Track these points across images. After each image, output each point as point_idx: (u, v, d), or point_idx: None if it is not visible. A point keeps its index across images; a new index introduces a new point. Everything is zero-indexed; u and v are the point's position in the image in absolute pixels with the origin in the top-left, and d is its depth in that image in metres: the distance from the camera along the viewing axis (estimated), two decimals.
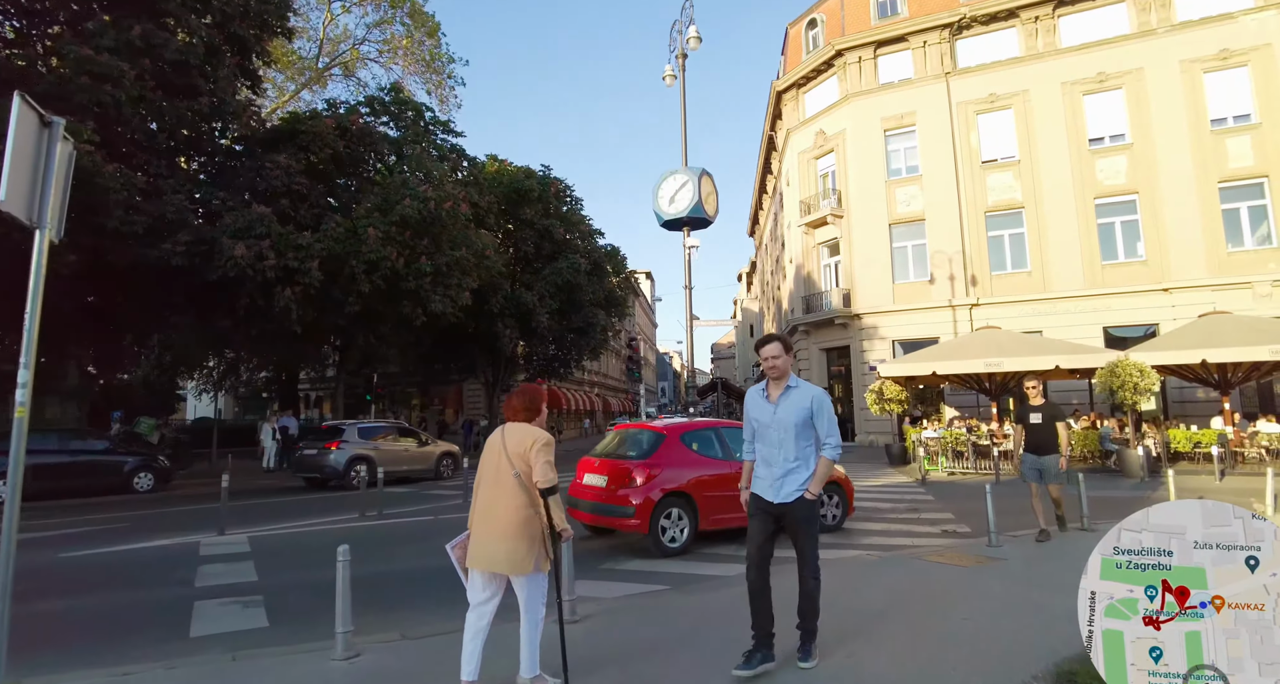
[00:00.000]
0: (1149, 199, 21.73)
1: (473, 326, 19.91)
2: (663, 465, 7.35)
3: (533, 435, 3.47)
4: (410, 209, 14.70)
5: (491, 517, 3.41)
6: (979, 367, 15.18)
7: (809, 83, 28.52)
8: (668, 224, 13.28)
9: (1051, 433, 7.28)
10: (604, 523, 7.50)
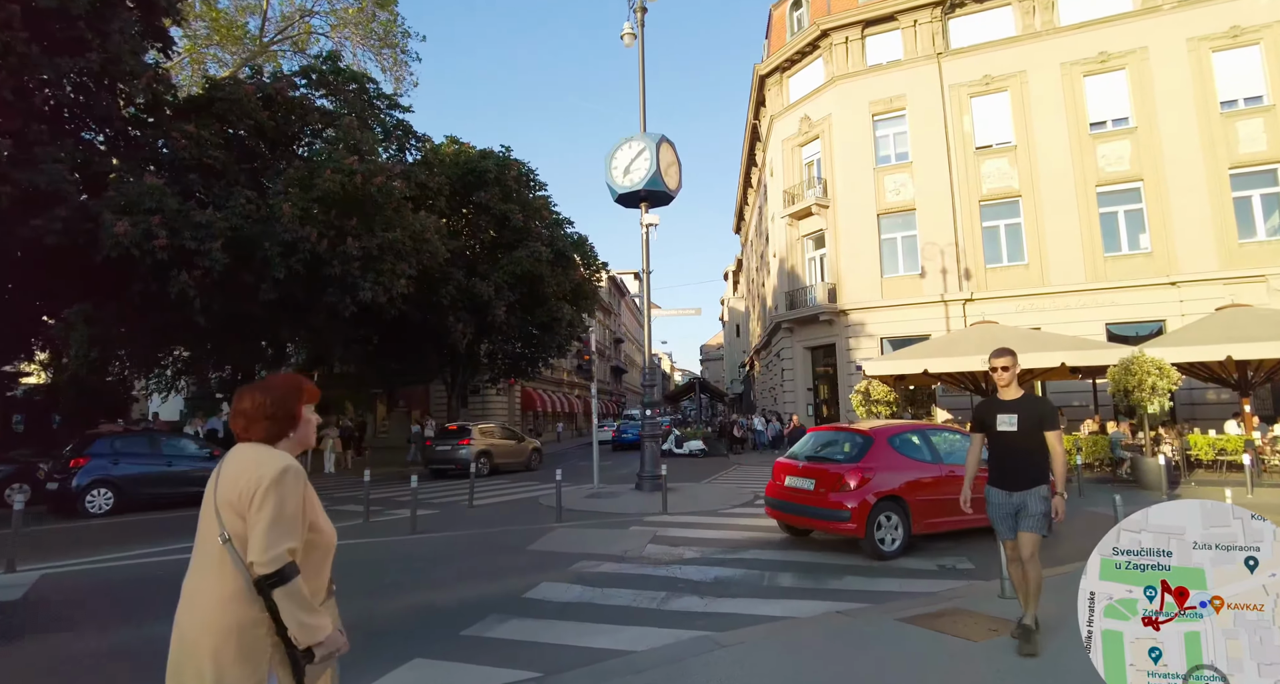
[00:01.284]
0: (1154, 187, 20.25)
1: (420, 319, 18.14)
2: (875, 469, 7.32)
3: (258, 470, 1.83)
4: (332, 183, 12.95)
5: (185, 613, 1.82)
6: (975, 364, 13.55)
7: (793, 66, 26.94)
8: (623, 199, 11.61)
9: (1035, 450, 4.22)
10: (813, 526, 7.65)
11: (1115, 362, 12.33)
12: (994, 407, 4.39)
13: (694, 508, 10.56)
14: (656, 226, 11.30)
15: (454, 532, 9.35)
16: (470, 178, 18.92)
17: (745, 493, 12.65)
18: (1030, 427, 4.21)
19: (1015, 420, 4.24)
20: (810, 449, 8.24)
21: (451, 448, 17.90)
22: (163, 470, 12.34)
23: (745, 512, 10.47)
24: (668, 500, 10.47)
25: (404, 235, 14.09)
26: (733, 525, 9.12)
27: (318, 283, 13.68)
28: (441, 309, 17.84)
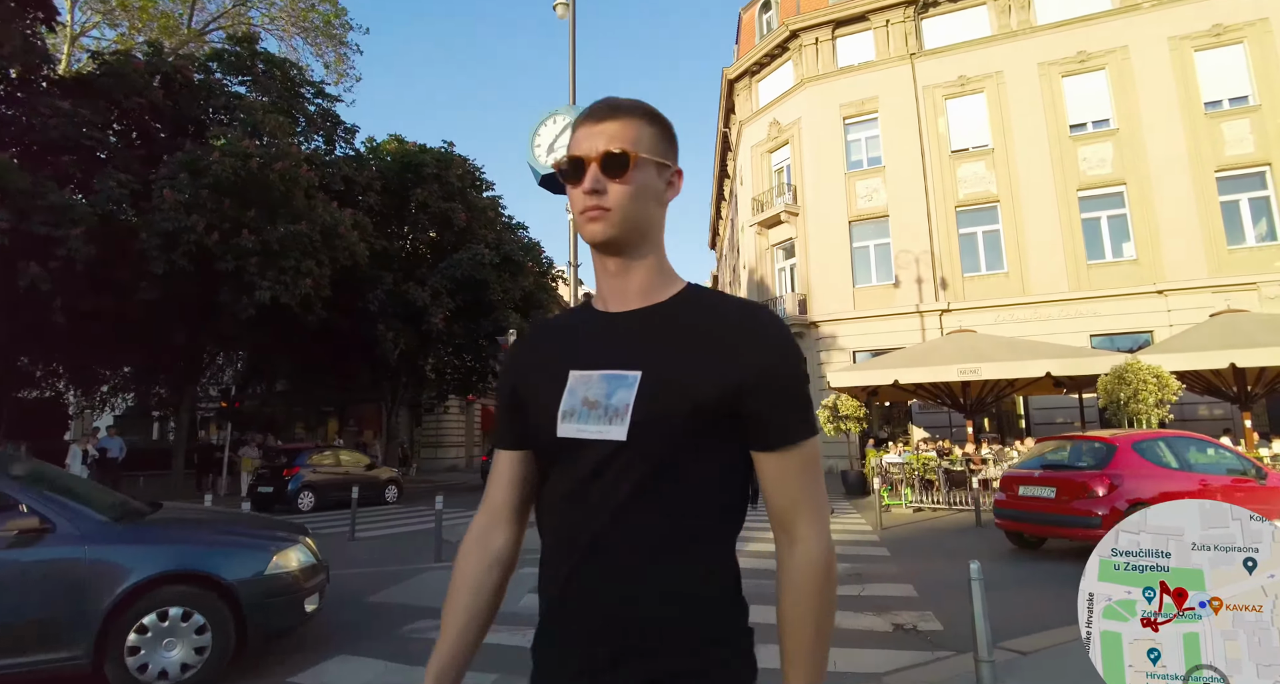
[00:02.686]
0: (1138, 191, 19.16)
1: (348, 328, 16.47)
2: (1123, 475, 7.18)
3: None
4: (223, 168, 11.36)
5: None
6: (951, 374, 12.14)
7: (762, 70, 25.86)
8: (548, 182, 10.07)
9: None
10: (1056, 533, 7.61)
11: (1107, 371, 10.94)
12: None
13: None
14: None
15: None
16: (408, 174, 17.39)
17: None
18: None
19: None
20: (1042, 459, 8.32)
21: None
22: (342, 477, 15.14)
23: None
24: None
25: (312, 229, 12.49)
26: None
27: (208, 280, 12.02)
28: (370, 316, 16.18)
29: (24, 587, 3.55)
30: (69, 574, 3.61)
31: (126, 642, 3.67)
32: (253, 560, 4.09)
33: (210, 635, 3.83)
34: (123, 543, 3.85)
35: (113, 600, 3.62)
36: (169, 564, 3.83)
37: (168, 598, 3.80)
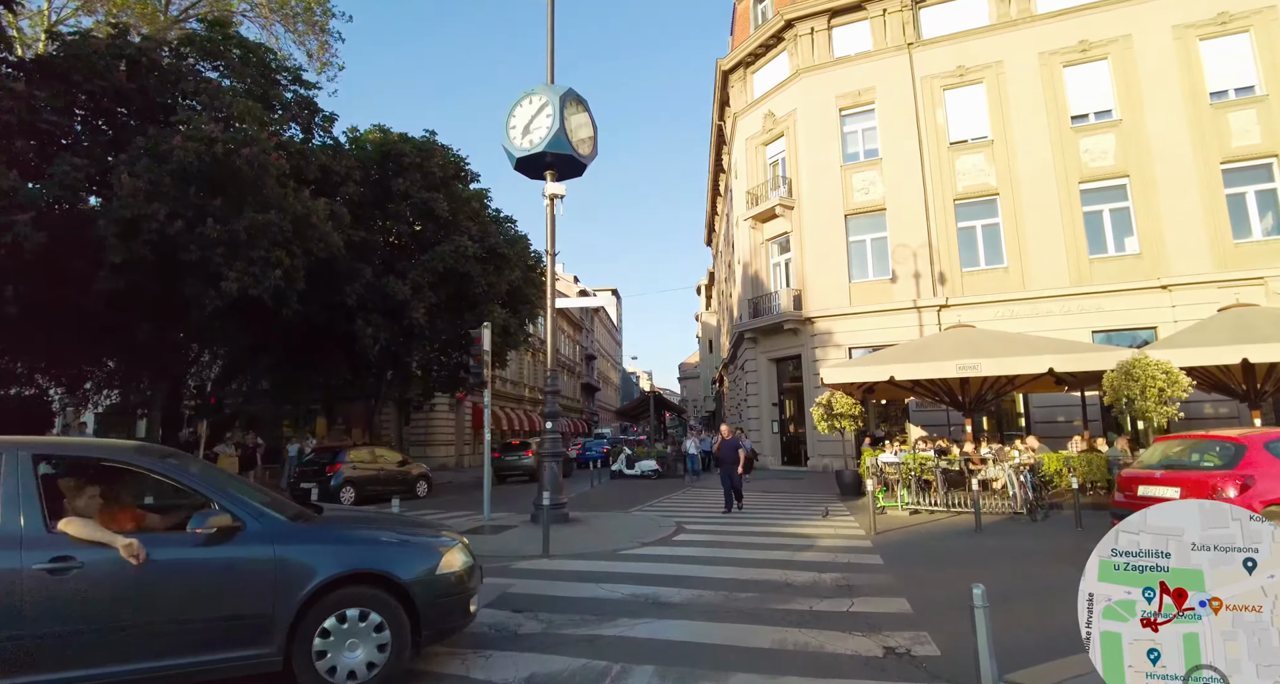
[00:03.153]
0: (1141, 184, 18.67)
1: (325, 323, 15.92)
2: (1256, 476, 6.89)
3: None
4: (186, 153, 10.79)
5: None
6: (949, 370, 11.62)
7: (757, 61, 25.34)
8: (524, 165, 9.57)
9: None
10: None
11: (1112, 366, 10.42)
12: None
13: (589, 547, 8.35)
14: (563, 198, 9.28)
15: None
16: (389, 164, 16.80)
17: (668, 524, 10.35)
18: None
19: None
20: (1163, 458, 8.07)
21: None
22: (376, 473, 16.37)
23: (656, 551, 8.22)
24: (559, 537, 8.32)
25: (282, 219, 11.92)
26: (626, 574, 6.86)
27: (171, 270, 11.46)
28: (348, 311, 15.62)
29: (221, 583, 3.58)
30: (261, 572, 3.63)
31: (314, 641, 3.68)
32: (425, 560, 4.08)
33: (389, 634, 3.83)
34: (307, 542, 3.86)
35: (301, 599, 3.63)
36: (350, 563, 3.83)
37: (349, 598, 3.79)
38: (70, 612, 3.27)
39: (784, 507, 12.71)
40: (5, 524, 3.31)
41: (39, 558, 3.27)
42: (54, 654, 3.24)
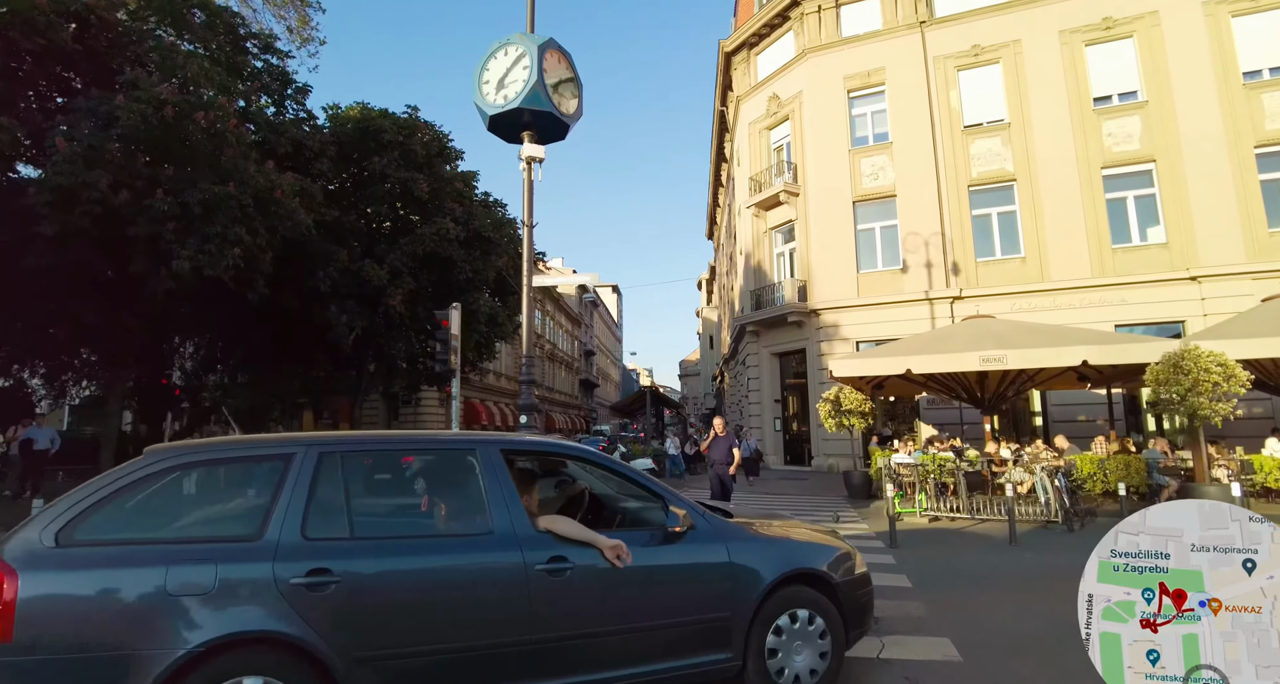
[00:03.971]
0: (1168, 169, 17.59)
1: (297, 309, 14.87)
2: None
3: None
4: (131, 115, 9.72)
5: None
6: (971, 363, 10.57)
7: (761, 41, 24.24)
8: (498, 124, 8.45)
9: None
10: None
11: (1155, 359, 9.36)
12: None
13: None
14: (541, 162, 8.22)
15: None
16: (368, 142, 15.70)
17: None
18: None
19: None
20: None
21: None
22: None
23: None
24: None
25: (241, 192, 10.86)
26: None
27: (115, 248, 10.41)
28: (321, 297, 14.57)
29: (687, 585, 3.48)
30: (719, 573, 3.52)
31: (767, 640, 3.56)
32: (844, 559, 3.95)
33: (830, 636, 3.70)
34: (748, 542, 3.71)
35: (756, 600, 3.53)
36: (792, 562, 3.71)
37: (793, 598, 3.67)
38: (566, 615, 3.13)
39: (788, 511, 11.68)
40: (499, 522, 3.17)
41: (538, 558, 3.13)
42: (553, 660, 3.10)
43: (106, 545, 2.72)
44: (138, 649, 2.54)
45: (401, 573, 2.98)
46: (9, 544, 2.64)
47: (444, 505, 3.37)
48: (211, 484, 3.20)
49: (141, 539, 2.82)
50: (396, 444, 3.63)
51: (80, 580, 2.62)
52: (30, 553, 2.62)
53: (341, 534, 3.00)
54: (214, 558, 2.75)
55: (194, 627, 2.61)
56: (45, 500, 12.23)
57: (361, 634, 2.83)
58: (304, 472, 3.03)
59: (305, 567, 2.81)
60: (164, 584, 2.64)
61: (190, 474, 3.03)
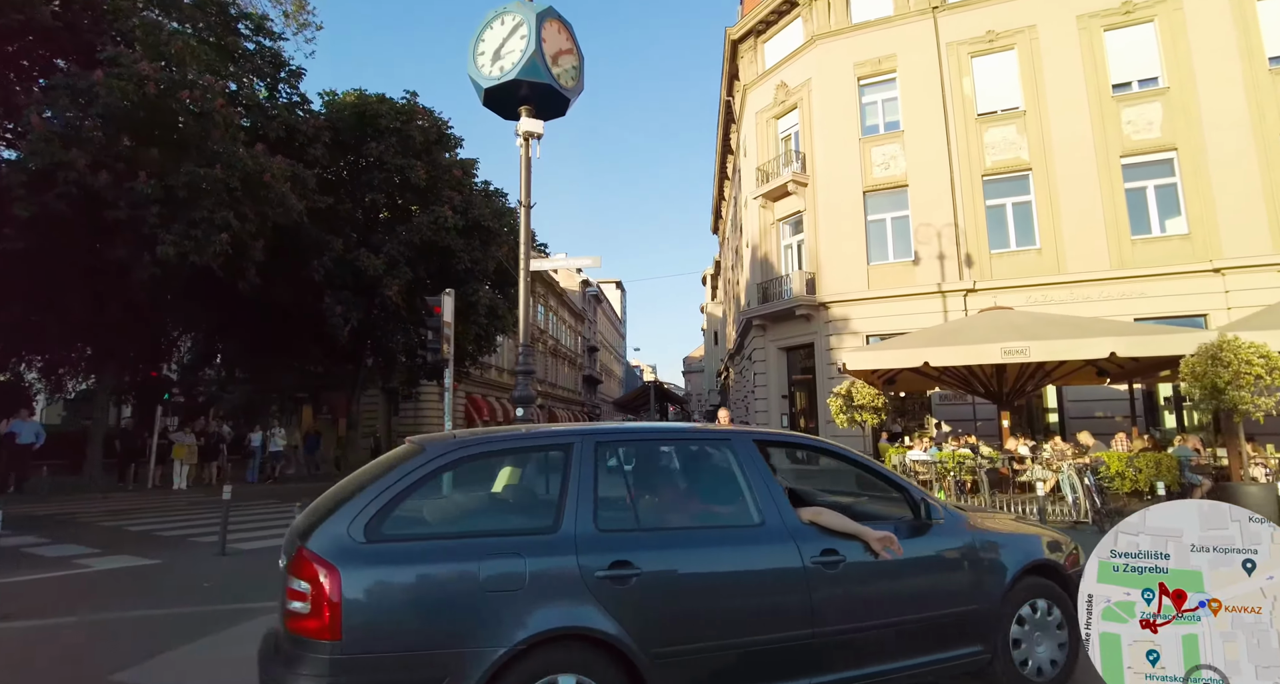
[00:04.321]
0: (1191, 157, 17.02)
1: (291, 301, 14.42)
2: None
3: None
4: (110, 92, 9.26)
5: None
6: (993, 355, 10.07)
7: (769, 28, 23.68)
8: (494, 98, 7.99)
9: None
10: None
11: (1192, 351, 8.85)
12: None
13: None
14: (540, 138, 7.74)
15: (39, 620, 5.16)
16: (365, 128, 15.21)
17: None
18: None
19: None
20: None
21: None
22: None
23: None
24: None
25: (229, 175, 10.39)
26: None
27: (103, 233, 9.96)
28: (315, 288, 14.11)
29: (943, 577, 3.45)
30: (966, 565, 3.49)
31: (1010, 635, 3.52)
32: (1064, 550, 3.89)
33: (1067, 629, 3.66)
34: (993, 535, 3.67)
35: (1002, 592, 3.49)
36: (1030, 554, 3.67)
37: (1032, 590, 3.62)
38: (840, 609, 3.09)
39: None
40: (768, 514, 3.13)
41: (812, 550, 3.08)
42: (829, 655, 3.04)
43: (412, 540, 2.64)
44: (460, 646, 2.49)
45: (692, 564, 2.91)
46: (316, 540, 2.53)
47: (711, 496, 3.31)
48: (494, 476, 3.17)
49: (443, 533, 2.77)
50: (662, 434, 3.60)
51: (397, 576, 2.54)
52: (344, 549, 2.51)
53: (629, 526, 2.94)
54: (520, 551, 2.67)
55: (512, 622, 2.55)
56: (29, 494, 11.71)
57: (659, 628, 2.75)
58: (585, 462, 2.95)
59: (608, 559, 2.73)
60: (479, 579, 2.57)
61: (472, 466, 2.97)
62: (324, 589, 2.41)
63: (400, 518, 2.67)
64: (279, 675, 2.45)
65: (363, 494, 2.68)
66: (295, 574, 2.50)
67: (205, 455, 16.23)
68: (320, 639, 2.39)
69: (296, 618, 2.45)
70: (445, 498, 2.97)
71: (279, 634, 2.64)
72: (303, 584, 2.46)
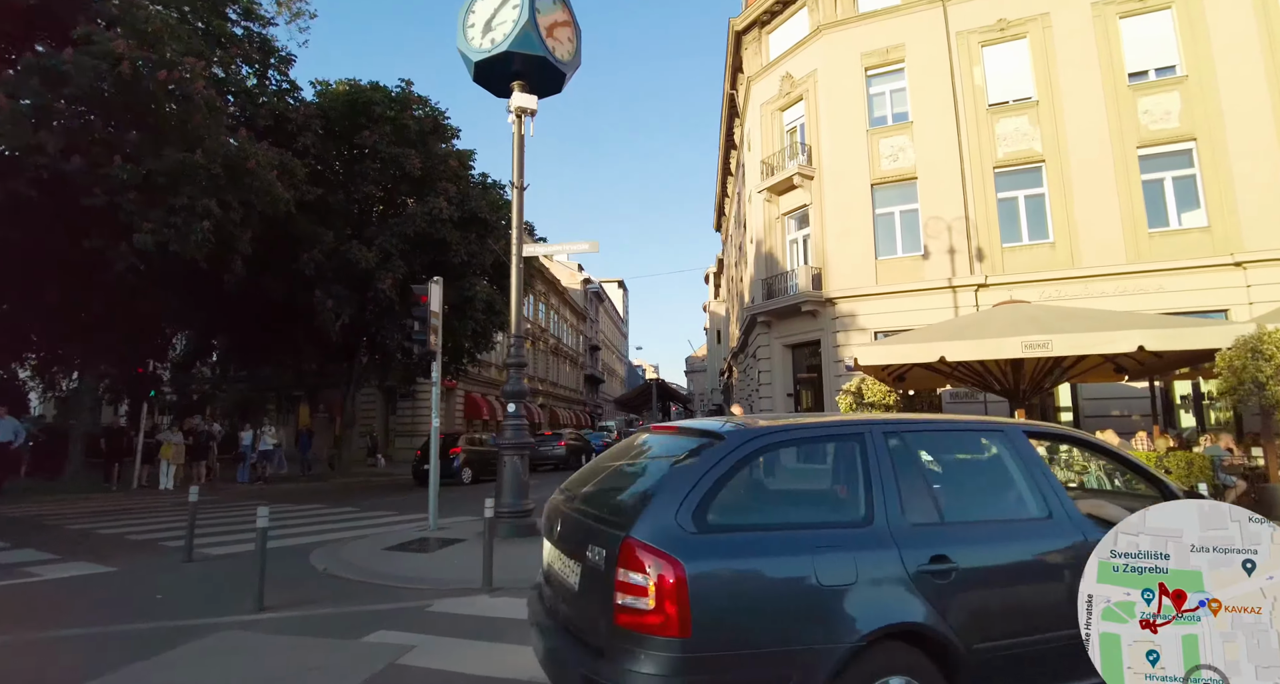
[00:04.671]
0: (1210, 148, 16.49)
1: (283, 295, 13.94)
2: None
3: None
4: (82, 71, 8.77)
5: None
6: (1013, 349, 9.55)
7: (774, 19, 23.17)
8: (485, 72, 7.48)
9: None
10: None
11: (1229, 343, 8.33)
12: None
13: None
14: (533, 115, 7.23)
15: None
16: (359, 117, 14.71)
17: None
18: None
19: None
20: None
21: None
22: (485, 455, 17.57)
23: None
24: (515, 559, 6.32)
25: (210, 161, 9.90)
26: None
27: (78, 221, 9.48)
28: (305, 281, 13.62)
29: None
30: None
31: None
32: None
33: None
34: None
35: None
36: None
37: None
38: None
39: None
40: (1053, 507, 3.05)
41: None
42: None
43: (738, 531, 2.58)
44: (804, 643, 2.44)
45: (998, 558, 2.88)
46: (645, 531, 2.43)
47: (996, 489, 3.22)
48: (792, 465, 3.09)
49: (764, 524, 2.70)
50: (941, 426, 3.54)
51: (737, 568, 2.48)
52: (678, 540, 2.43)
53: (934, 519, 2.87)
54: (845, 545, 2.63)
55: (850, 618, 2.50)
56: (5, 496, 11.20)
57: (975, 625, 2.71)
58: (880, 453, 2.89)
59: (926, 554, 2.68)
60: (815, 573, 2.52)
61: (773, 455, 2.91)
62: (668, 583, 2.31)
63: (721, 508, 2.60)
64: (610, 675, 2.33)
65: (675, 484, 2.61)
66: (627, 567, 2.38)
67: (194, 455, 15.75)
68: (665, 636, 2.30)
69: (634, 614, 2.34)
70: (754, 487, 2.90)
71: (600, 631, 2.47)
72: (638, 577, 2.35)
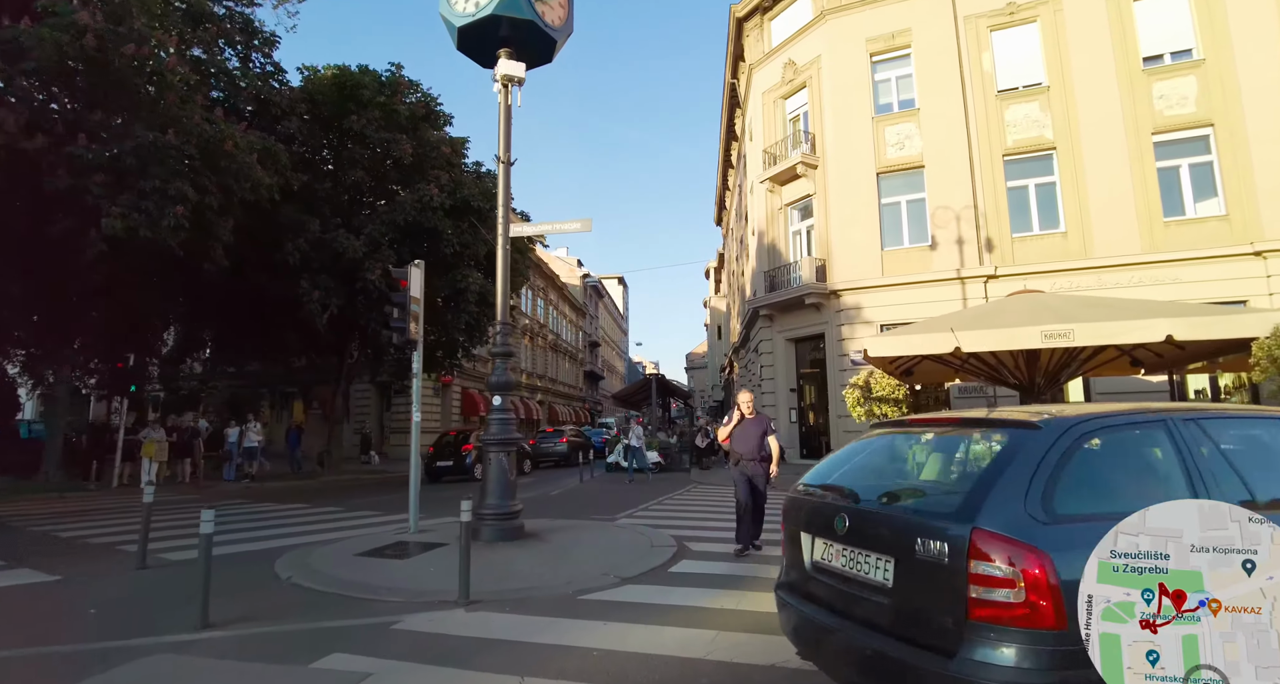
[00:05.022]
0: (1228, 134, 15.95)
1: (267, 286, 13.41)
2: None
3: None
4: (43, 44, 8.24)
5: None
6: (1032, 339, 9.02)
7: (776, 4, 22.61)
8: (469, 40, 6.95)
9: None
10: None
11: (1267, 333, 7.81)
12: None
13: (538, 585, 5.53)
14: (520, 84, 6.70)
15: None
16: (347, 102, 14.15)
17: (664, 541, 7.62)
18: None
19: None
20: None
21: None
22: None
23: (642, 594, 5.42)
24: (499, 566, 5.81)
25: (183, 141, 9.37)
26: (587, 650, 4.08)
27: (40, 205, 8.96)
28: (291, 271, 13.09)
29: None
30: None
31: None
32: None
33: None
34: None
35: None
36: None
37: None
38: None
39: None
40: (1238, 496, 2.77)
41: None
42: None
43: (1088, 520, 2.50)
44: None
45: None
46: (994, 521, 2.45)
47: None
48: (1109, 452, 3.03)
49: (1110, 513, 2.50)
50: (1232, 415, 3.41)
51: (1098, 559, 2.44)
52: (1037, 530, 2.45)
53: (1247, 499, 2.75)
54: None
55: None
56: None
57: None
58: (1193, 440, 2.86)
59: None
60: None
61: (1090, 442, 2.88)
62: (1034, 573, 2.34)
63: (1063, 497, 2.59)
64: (971, 671, 2.32)
65: (1012, 474, 2.61)
66: (980, 558, 2.40)
67: (178, 452, 15.24)
68: (1039, 628, 2.33)
69: (995, 607, 2.37)
70: (1088, 476, 2.86)
71: (941, 627, 2.45)
72: (996, 569, 2.37)
